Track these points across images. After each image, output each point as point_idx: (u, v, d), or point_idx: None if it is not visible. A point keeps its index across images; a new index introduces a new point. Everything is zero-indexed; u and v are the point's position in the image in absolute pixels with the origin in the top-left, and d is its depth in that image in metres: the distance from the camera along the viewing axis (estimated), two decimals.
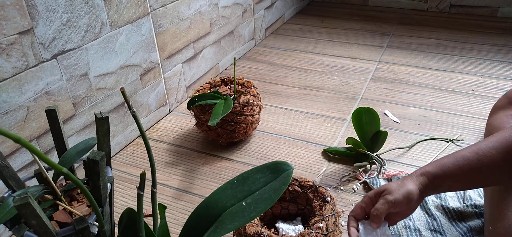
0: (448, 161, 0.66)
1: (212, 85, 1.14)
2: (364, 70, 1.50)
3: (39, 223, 0.47)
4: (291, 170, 0.51)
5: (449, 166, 0.65)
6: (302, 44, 1.76)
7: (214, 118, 0.91)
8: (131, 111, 0.48)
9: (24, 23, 0.79)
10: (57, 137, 0.63)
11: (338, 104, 1.28)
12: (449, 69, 1.47)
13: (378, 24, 1.94)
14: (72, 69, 0.91)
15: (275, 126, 1.20)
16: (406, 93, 1.33)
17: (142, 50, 1.11)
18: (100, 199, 0.56)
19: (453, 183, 0.66)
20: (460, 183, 0.66)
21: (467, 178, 0.65)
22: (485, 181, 0.67)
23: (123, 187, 0.98)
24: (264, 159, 1.06)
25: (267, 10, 1.82)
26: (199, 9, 1.32)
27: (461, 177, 0.65)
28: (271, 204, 0.48)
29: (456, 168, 0.65)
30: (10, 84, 0.79)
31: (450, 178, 0.65)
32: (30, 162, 0.87)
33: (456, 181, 0.66)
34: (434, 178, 0.66)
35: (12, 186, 0.58)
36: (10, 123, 0.81)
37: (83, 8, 0.90)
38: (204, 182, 0.99)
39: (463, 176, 0.65)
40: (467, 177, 0.65)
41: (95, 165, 0.53)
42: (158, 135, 1.19)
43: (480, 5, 1.95)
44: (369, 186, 0.93)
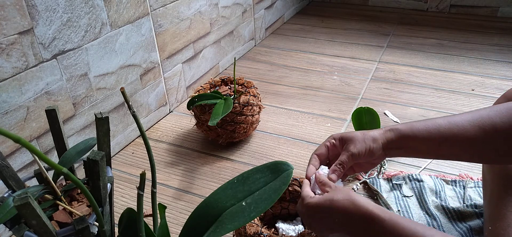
0: (419, 124, 0.64)
1: (212, 85, 1.14)
2: (364, 70, 1.50)
3: (39, 223, 0.47)
4: (291, 170, 0.51)
5: (419, 128, 0.63)
6: (302, 44, 1.76)
7: (214, 118, 0.91)
8: (131, 111, 0.48)
9: (24, 23, 0.79)
10: (57, 137, 0.63)
11: (338, 104, 1.28)
12: (449, 69, 1.47)
13: (378, 24, 1.94)
14: (72, 69, 0.91)
15: (275, 126, 1.20)
16: (406, 93, 1.33)
17: (142, 50, 1.11)
18: (100, 199, 0.56)
19: (419, 146, 0.63)
20: (426, 147, 0.63)
21: (435, 143, 0.62)
22: (453, 152, 0.64)
23: (123, 187, 0.98)
24: (264, 159, 1.06)
25: (267, 10, 1.82)
26: (199, 9, 1.32)
27: (429, 142, 0.62)
28: (271, 204, 0.48)
29: (426, 131, 0.62)
30: (10, 84, 0.79)
31: (418, 140, 0.63)
32: (30, 162, 0.87)
33: (423, 144, 0.63)
34: (402, 137, 0.63)
35: (12, 186, 0.58)
36: (10, 123, 0.81)
37: (83, 8, 0.90)
38: (204, 182, 0.99)
39: (431, 141, 0.62)
40: (435, 142, 0.62)
41: (95, 165, 0.53)
42: (158, 135, 1.19)
43: (480, 5, 1.95)
44: (369, 186, 0.93)
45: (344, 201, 0.54)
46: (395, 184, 0.93)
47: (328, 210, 0.55)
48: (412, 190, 0.91)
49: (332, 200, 0.55)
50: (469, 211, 0.83)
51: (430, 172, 0.97)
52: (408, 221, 0.52)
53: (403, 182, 0.93)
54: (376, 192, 0.91)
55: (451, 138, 0.61)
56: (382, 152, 0.64)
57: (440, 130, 0.62)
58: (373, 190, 0.92)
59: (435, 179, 0.93)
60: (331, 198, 0.55)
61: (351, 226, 0.54)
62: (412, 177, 0.93)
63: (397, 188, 0.92)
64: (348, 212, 0.54)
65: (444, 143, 0.62)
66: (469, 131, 0.60)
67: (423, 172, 0.97)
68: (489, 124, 0.59)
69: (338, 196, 0.55)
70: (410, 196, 0.90)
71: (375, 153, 0.64)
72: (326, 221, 0.56)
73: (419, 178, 0.93)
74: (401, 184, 0.93)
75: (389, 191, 0.92)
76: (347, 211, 0.54)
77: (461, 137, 0.61)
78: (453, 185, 0.92)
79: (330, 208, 0.55)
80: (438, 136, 0.62)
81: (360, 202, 0.53)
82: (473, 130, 0.60)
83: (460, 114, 0.63)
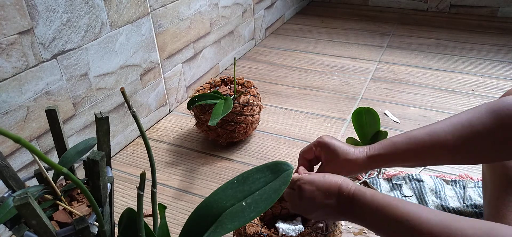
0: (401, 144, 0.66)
1: (212, 85, 1.14)
2: (364, 70, 1.50)
3: (39, 223, 0.47)
4: (291, 170, 0.51)
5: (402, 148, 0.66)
6: (302, 44, 1.76)
7: (214, 118, 0.91)
8: (131, 111, 0.48)
9: (24, 23, 0.79)
10: (57, 137, 0.63)
11: (338, 104, 1.28)
12: (449, 69, 1.47)
13: (378, 24, 1.94)
14: (72, 69, 0.91)
15: (275, 126, 1.20)
16: (406, 93, 1.33)
17: (142, 50, 1.11)
18: (100, 199, 0.56)
19: (401, 163, 0.67)
20: (410, 163, 0.67)
21: (419, 159, 0.66)
22: (437, 161, 0.67)
23: (123, 187, 0.98)
24: (264, 159, 1.06)
25: (267, 10, 1.82)
26: (199, 9, 1.32)
27: (411, 160, 0.66)
28: (271, 204, 0.48)
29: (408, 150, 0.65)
30: (10, 84, 0.79)
31: (399, 160, 0.66)
32: (30, 162, 0.87)
33: (406, 162, 0.67)
34: (384, 161, 0.67)
35: (12, 186, 0.58)
36: (10, 123, 0.81)
37: (83, 8, 0.90)
38: (204, 182, 0.99)
39: (413, 159, 0.65)
40: (418, 159, 0.65)
41: (95, 165, 0.53)
42: (158, 135, 1.19)
43: (480, 5, 1.95)
44: (369, 186, 0.93)
45: (334, 177, 0.60)
46: (395, 184, 0.93)
47: (320, 185, 0.60)
48: (412, 190, 0.91)
49: (324, 177, 0.61)
50: (469, 211, 0.83)
51: (430, 172, 0.97)
52: (386, 196, 0.55)
53: (403, 182, 0.93)
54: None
55: (433, 151, 0.63)
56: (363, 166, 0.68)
57: (422, 145, 0.64)
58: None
59: (435, 179, 0.93)
60: (313, 179, 0.61)
61: (334, 202, 0.59)
62: (412, 177, 0.93)
63: (397, 188, 0.92)
64: (338, 188, 0.59)
65: (428, 158, 0.65)
66: (449, 140, 0.62)
67: (423, 172, 0.97)
68: (469, 131, 0.60)
69: (320, 177, 0.61)
70: (410, 196, 0.90)
71: (354, 174, 0.69)
72: (315, 199, 0.60)
73: (419, 178, 0.93)
74: (401, 184, 0.93)
75: (389, 191, 0.92)
76: (336, 186, 0.59)
77: (443, 148, 0.63)
78: (453, 185, 0.92)
79: (322, 184, 0.61)
80: (421, 152, 0.64)
81: (342, 181, 0.59)
82: (453, 139, 0.61)
83: (441, 123, 0.64)
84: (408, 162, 0.67)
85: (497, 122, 0.59)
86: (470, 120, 0.61)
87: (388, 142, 0.68)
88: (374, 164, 0.67)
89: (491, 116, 0.59)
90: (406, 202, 0.54)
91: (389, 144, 0.67)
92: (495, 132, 0.59)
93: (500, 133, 0.58)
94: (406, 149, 0.65)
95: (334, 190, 0.59)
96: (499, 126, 0.58)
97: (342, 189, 0.59)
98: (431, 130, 0.64)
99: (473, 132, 0.60)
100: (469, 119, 0.61)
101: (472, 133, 0.60)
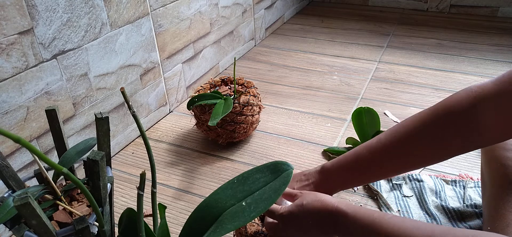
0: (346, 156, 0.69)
1: (212, 85, 1.14)
2: (364, 70, 1.50)
3: (39, 223, 0.47)
4: (291, 170, 0.51)
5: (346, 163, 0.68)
6: (302, 44, 1.76)
7: (214, 118, 0.91)
8: (131, 111, 0.48)
9: (24, 23, 0.79)
10: (57, 137, 0.63)
11: (338, 104, 1.28)
12: (449, 69, 1.47)
13: (378, 24, 1.94)
14: (72, 69, 0.91)
15: (275, 126, 1.20)
16: (406, 93, 1.33)
17: (142, 50, 1.11)
18: (100, 199, 0.56)
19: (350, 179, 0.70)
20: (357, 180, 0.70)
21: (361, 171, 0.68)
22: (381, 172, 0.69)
23: (123, 187, 0.98)
24: (264, 159, 1.06)
25: (267, 10, 1.82)
26: (199, 9, 1.32)
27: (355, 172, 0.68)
28: (271, 204, 0.48)
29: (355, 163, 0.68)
30: (10, 84, 0.79)
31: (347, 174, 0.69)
32: (30, 162, 0.87)
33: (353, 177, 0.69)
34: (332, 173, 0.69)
35: (12, 186, 0.58)
36: (10, 123, 0.81)
37: (83, 8, 0.90)
38: (204, 182, 0.99)
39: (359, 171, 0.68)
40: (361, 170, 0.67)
41: (95, 165, 0.53)
42: (158, 135, 1.19)
43: (480, 5, 1.95)
44: (369, 186, 0.93)
45: (314, 203, 0.59)
46: (395, 184, 0.93)
47: (301, 214, 0.60)
48: (412, 190, 0.91)
49: (302, 205, 0.60)
50: (469, 211, 0.83)
51: (430, 172, 0.97)
52: (367, 210, 0.56)
53: (403, 182, 0.93)
54: (376, 192, 0.91)
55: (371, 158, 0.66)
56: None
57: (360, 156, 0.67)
58: (373, 190, 0.92)
59: (435, 179, 0.93)
60: (301, 203, 0.60)
61: (323, 224, 0.59)
62: (412, 177, 0.93)
63: (397, 188, 0.92)
64: (319, 212, 0.58)
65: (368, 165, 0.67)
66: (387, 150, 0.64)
67: (423, 172, 0.97)
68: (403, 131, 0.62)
69: (308, 199, 0.60)
70: (410, 196, 0.90)
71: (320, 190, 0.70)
72: (301, 225, 0.60)
73: (419, 178, 0.93)
74: (401, 184, 0.93)
75: (389, 191, 0.92)
76: (317, 211, 0.59)
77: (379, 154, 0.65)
78: (453, 185, 0.92)
79: (303, 212, 0.60)
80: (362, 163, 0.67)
81: (327, 201, 0.59)
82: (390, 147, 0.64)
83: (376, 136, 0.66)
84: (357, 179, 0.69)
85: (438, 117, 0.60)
86: (406, 126, 0.63)
87: (338, 158, 0.70)
88: (330, 177, 0.69)
89: (428, 115, 0.61)
90: (390, 216, 0.54)
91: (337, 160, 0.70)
92: (433, 129, 0.60)
93: (438, 127, 0.59)
94: (353, 165, 0.68)
95: (318, 210, 0.59)
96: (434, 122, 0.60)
97: (325, 208, 0.59)
98: (368, 143, 0.67)
99: (409, 135, 0.62)
100: (404, 125, 0.63)
101: (408, 136, 0.62)
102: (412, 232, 0.49)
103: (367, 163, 0.66)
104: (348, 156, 0.68)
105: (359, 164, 0.67)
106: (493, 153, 0.72)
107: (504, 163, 0.69)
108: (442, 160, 0.62)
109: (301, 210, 0.60)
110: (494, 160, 0.72)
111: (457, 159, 1.01)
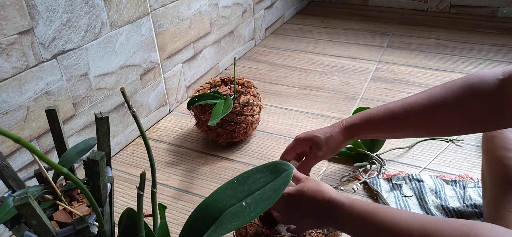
0: (375, 115, 0.71)
1: (212, 85, 1.14)
2: (364, 70, 1.50)
3: (39, 223, 0.47)
4: (291, 170, 0.51)
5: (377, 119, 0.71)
6: (302, 44, 1.76)
7: (214, 118, 0.91)
8: (131, 111, 0.48)
9: (24, 23, 0.79)
10: (57, 137, 0.63)
11: (338, 104, 1.28)
12: (449, 69, 1.47)
13: (378, 24, 1.94)
14: (72, 69, 0.91)
15: (275, 126, 1.20)
16: (406, 93, 1.33)
17: (142, 50, 1.11)
18: (100, 199, 0.56)
19: (374, 134, 0.74)
20: (381, 134, 0.73)
21: (392, 129, 0.70)
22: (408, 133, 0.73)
23: (123, 187, 0.98)
24: (264, 159, 1.06)
25: (267, 10, 1.82)
26: (199, 9, 1.32)
27: (386, 129, 0.71)
28: (271, 204, 0.48)
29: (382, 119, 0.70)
30: (10, 84, 0.79)
31: (373, 130, 0.72)
32: (30, 162, 0.87)
33: (381, 132, 0.73)
34: (359, 131, 0.73)
35: (12, 186, 0.58)
36: (10, 123, 0.81)
37: (83, 8, 0.90)
38: (204, 182, 0.99)
39: (388, 128, 0.70)
40: (392, 128, 0.70)
41: (95, 165, 0.53)
42: (158, 135, 1.19)
43: (480, 5, 1.95)
44: (369, 186, 0.93)
45: (313, 191, 0.60)
46: (395, 184, 0.93)
47: (299, 199, 0.61)
48: (412, 190, 0.91)
49: (303, 191, 0.61)
50: (469, 211, 0.83)
51: (430, 172, 0.97)
52: (364, 203, 0.56)
53: (403, 182, 0.93)
54: (376, 192, 0.91)
55: (406, 123, 0.68)
56: (344, 142, 0.75)
57: (397, 117, 0.68)
58: (373, 190, 0.92)
59: (435, 179, 0.93)
60: (302, 188, 0.62)
61: (319, 212, 0.60)
62: (412, 177, 0.93)
63: (397, 188, 0.92)
64: (316, 200, 0.59)
65: (401, 130, 0.70)
66: (422, 114, 0.66)
67: (423, 172, 0.97)
68: (443, 104, 0.64)
69: (308, 186, 0.61)
70: (410, 196, 0.90)
71: (338, 150, 0.76)
72: (298, 209, 0.62)
73: (419, 178, 0.93)
74: (401, 184, 0.93)
75: (389, 191, 0.92)
76: (315, 199, 0.60)
77: (416, 120, 0.67)
78: (453, 185, 0.92)
79: (301, 197, 0.61)
80: (395, 124, 0.69)
81: (326, 190, 0.60)
82: (426, 112, 0.66)
83: (416, 97, 0.68)
84: (383, 133, 0.72)
85: (468, 92, 0.62)
86: (445, 93, 0.64)
87: (365, 113, 0.73)
88: (352, 133, 0.72)
89: (463, 87, 0.62)
90: (385, 208, 0.54)
91: (365, 115, 0.72)
92: (465, 102, 0.62)
93: (469, 102, 0.62)
94: (382, 120, 0.70)
95: (317, 199, 0.60)
96: (469, 96, 0.61)
97: (322, 198, 0.60)
98: (405, 101, 0.68)
99: (447, 103, 0.63)
100: (443, 92, 0.64)
101: (445, 106, 0.63)
102: (407, 222, 0.50)
103: (399, 121, 0.68)
104: (378, 112, 0.71)
105: (390, 120, 0.69)
106: (494, 153, 0.72)
107: (505, 163, 0.69)
108: (467, 133, 0.67)
109: (301, 196, 0.61)
110: (495, 159, 0.72)
111: (457, 159, 1.01)
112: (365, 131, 0.73)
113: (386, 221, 0.51)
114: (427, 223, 0.48)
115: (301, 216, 0.62)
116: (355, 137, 0.75)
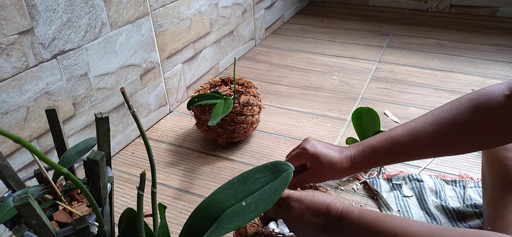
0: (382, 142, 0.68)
1: (212, 85, 1.14)
2: (364, 70, 1.50)
3: (39, 223, 0.47)
4: (291, 170, 0.51)
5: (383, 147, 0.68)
6: (302, 44, 1.76)
7: (214, 118, 0.91)
8: (131, 111, 0.48)
9: (24, 23, 0.79)
10: (57, 137, 0.63)
11: (338, 104, 1.28)
12: (449, 69, 1.47)
13: (378, 24, 1.94)
14: (72, 69, 0.91)
15: (275, 126, 1.20)
16: (406, 93, 1.33)
17: (142, 50, 1.11)
18: (100, 199, 0.56)
19: (383, 162, 0.71)
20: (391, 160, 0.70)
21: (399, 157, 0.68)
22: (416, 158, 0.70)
23: (123, 187, 0.98)
24: (264, 159, 1.06)
25: (267, 10, 1.82)
26: (199, 9, 1.32)
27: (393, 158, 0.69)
28: (271, 204, 0.47)
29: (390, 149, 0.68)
30: (10, 84, 0.79)
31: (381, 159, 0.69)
32: (30, 162, 0.87)
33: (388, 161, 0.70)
34: (366, 166, 0.70)
35: (12, 186, 0.58)
36: (10, 123, 0.81)
37: (83, 8, 0.90)
38: (204, 182, 0.99)
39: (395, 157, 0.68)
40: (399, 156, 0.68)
41: (95, 165, 0.53)
42: (158, 135, 1.19)
43: (480, 5, 1.95)
44: (369, 186, 0.93)
45: (324, 196, 0.62)
46: (395, 184, 0.93)
47: (310, 201, 0.61)
48: (412, 190, 0.91)
49: (314, 193, 0.62)
50: (469, 211, 0.83)
51: (430, 172, 0.97)
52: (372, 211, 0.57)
53: (403, 182, 0.93)
54: (376, 192, 0.91)
55: (414, 150, 0.66)
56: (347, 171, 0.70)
57: (404, 145, 0.66)
58: (373, 190, 0.92)
59: (435, 179, 0.93)
60: (313, 192, 0.63)
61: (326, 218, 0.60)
62: (412, 177, 0.93)
63: (397, 188, 0.92)
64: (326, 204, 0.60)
65: (409, 156, 0.68)
66: (430, 138, 0.64)
67: (423, 172, 0.97)
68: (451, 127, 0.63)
69: (314, 198, 0.62)
70: (410, 196, 0.90)
71: (341, 177, 0.74)
72: (306, 213, 0.62)
73: (419, 178, 0.93)
74: (401, 184, 0.93)
75: (389, 191, 0.92)
76: (325, 204, 0.61)
77: (424, 146, 0.65)
78: (453, 185, 0.92)
79: (312, 199, 0.62)
80: (402, 152, 0.67)
81: (335, 200, 0.61)
82: (435, 136, 0.64)
83: (422, 120, 0.66)
84: (390, 162, 0.70)
85: (476, 113, 0.61)
86: (453, 116, 0.63)
87: (370, 146, 0.69)
88: (358, 169, 0.70)
89: (471, 108, 0.61)
90: (393, 216, 0.55)
91: (371, 149, 0.69)
92: (474, 124, 0.61)
93: (479, 123, 0.61)
94: (388, 151, 0.67)
95: (322, 209, 0.60)
96: (477, 116, 0.61)
97: (330, 209, 0.60)
98: (412, 129, 0.66)
99: (455, 127, 0.62)
100: (451, 115, 0.63)
101: (454, 129, 0.62)
102: (416, 229, 0.50)
103: (409, 151, 0.67)
104: (386, 145, 0.67)
105: (398, 151, 0.67)
106: (494, 153, 0.72)
107: (505, 163, 0.69)
108: (477, 150, 0.67)
109: (310, 201, 0.61)
110: (495, 160, 0.72)
111: (457, 159, 1.01)
112: (373, 165, 0.70)
113: (395, 229, 0.51)
114: (436, 232, 0.48)
115: (302, 224, 0.62)
116: (360, 171, 0.74)
